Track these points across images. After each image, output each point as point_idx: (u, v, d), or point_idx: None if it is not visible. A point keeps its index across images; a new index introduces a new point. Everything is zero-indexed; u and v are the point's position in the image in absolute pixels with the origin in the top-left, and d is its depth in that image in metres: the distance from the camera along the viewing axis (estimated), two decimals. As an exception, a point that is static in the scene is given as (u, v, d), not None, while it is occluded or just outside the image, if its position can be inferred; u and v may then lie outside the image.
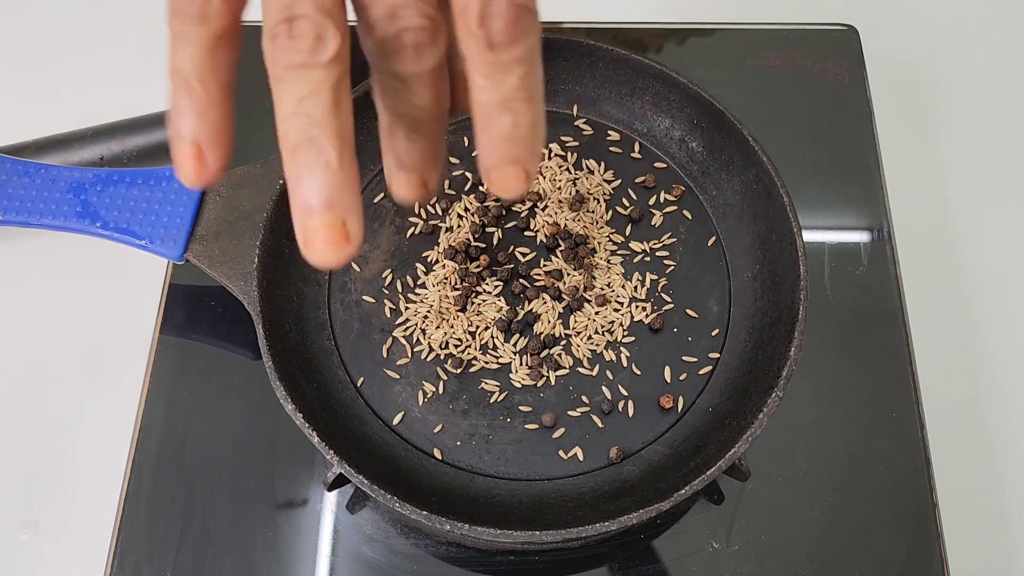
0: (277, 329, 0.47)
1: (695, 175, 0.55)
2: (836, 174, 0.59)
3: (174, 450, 0.50)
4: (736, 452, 0.42)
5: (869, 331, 0.53)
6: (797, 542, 0.48)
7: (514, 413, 0.48)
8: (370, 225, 0.54)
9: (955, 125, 0.69)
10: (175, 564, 0.47)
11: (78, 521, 0.54)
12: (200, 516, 0.48)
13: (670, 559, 0.47)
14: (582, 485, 0.46)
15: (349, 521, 0.48)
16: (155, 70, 0.70)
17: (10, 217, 0.50)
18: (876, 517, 0.48)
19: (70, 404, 0.58)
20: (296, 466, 0.50)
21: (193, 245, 0.50)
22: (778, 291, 0.49)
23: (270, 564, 0.47)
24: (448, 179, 0.55)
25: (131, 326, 0.58)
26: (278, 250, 0.50)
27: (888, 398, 0.51)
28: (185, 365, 0.52)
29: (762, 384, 0.45)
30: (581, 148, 0.56)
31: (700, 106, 0.53)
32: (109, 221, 0.50)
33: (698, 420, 0.48)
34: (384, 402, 0.49)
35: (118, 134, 0.64)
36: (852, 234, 0.57)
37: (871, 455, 0.50)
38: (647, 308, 0.51)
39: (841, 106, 0.61)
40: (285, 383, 0.44)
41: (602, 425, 0.48)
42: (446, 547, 0.48)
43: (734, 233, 0.53)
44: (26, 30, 0.75)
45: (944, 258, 0.63)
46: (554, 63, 0.56)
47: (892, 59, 0.69)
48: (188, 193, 0.50)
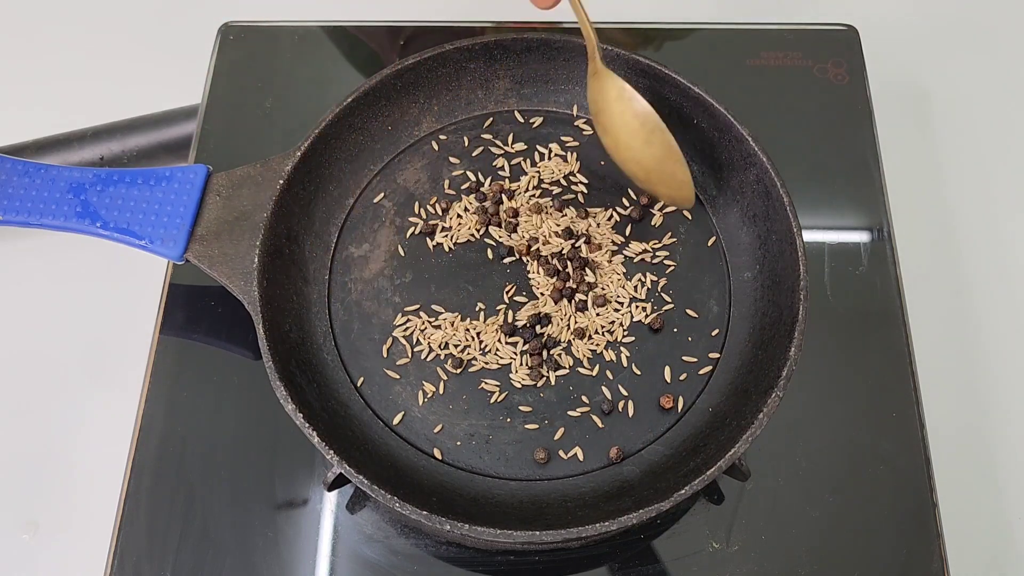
0: (277, 329, 0.47)
1: (695, 175, 0.55)
2: (836, 174, 0.59)
3: (174, 450, 0.50)
4: (736, 452, 0.42)
5: (869, 331, 0.53)
6: (797, 542, 0.48)
7: (514, 413, 0.48)
8: (370, 225, 0.54)
9: (955, 125, 0.69)
10: (175, 564, 0.47)
11: (78, 521, 0.54)
12: (200, 516, 0.48)
13: (670, 559, 0.47)
14: (582, 485, 0.47)
15: (349, 521, 0.48)
16: (155, 70, 0.71)
17: (10, 217, 0.50)
18: (876, 517, 0.48)
19: (70, 404, 0.58)
20: (296, 466, 0.50)
21: (193, 245, 0.50)
22: (778, 291, 0.49)
23: (270, 564, 0.47)
24: (448, 179, 0.55)
25: (131, 326, 0.58)
26: (278, 250, 0.50)
27: (888, 398, 0.51)
28: (185, 365, 0.52)
29: (762, 384, 0.45)
30: (581, 148, 0.56)
31: (700, 106, 0.53)
32: (109, 221, 0.50)
33: (698, 420, 0.48)
34: (384, 402, 0.49)
35: (118, 134, 0.64)
36: (852, 234, 0.57)
37: (871, 455, 0.50)
38: (647, 308, 0.51)
39: (841, 106, 0.61)
40: (285, 383, 0.44)
41: (602, 425, 0.48)
42: (446, 547, 0.48)
43: (734, 233, 0.53)
44: (26, 30, 0.75)
45: (944, 258, 0.63)
46: (554, 63, 0.56)
47: (892, 59, 0.69)
48: (188, 193, 0.50)
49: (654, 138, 0.49)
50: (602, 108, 0.50)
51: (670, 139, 0.49)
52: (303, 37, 0.64)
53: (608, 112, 0.50)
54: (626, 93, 0.49)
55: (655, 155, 0.49)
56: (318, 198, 0.53)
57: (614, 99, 0.49)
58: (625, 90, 0.49)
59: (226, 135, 0.60)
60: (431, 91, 0.56)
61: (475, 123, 0.57)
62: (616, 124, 0.50)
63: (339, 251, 0.53)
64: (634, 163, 0.50)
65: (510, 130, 0.57)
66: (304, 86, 0.62)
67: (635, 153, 0.50)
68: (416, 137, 0.57)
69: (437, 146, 0.56)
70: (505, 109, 0.58)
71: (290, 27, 0.64)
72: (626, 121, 0.49)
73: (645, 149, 0.49)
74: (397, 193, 0.55)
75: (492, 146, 0.56)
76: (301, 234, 0.52)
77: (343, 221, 0.54)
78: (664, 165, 0.49)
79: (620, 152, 0.50)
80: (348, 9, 0.67)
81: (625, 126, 0.49)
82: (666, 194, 0.51)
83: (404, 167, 0.56)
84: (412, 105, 0.56)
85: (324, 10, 0.66)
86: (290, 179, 0.50)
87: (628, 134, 0.49)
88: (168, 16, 0.74)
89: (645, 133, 0.49)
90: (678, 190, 0.50)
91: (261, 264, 0.48)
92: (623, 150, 0.50)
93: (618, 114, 0.49)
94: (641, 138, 0.49)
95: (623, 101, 0.49)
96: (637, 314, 0.51)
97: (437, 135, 0.57)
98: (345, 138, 0.54)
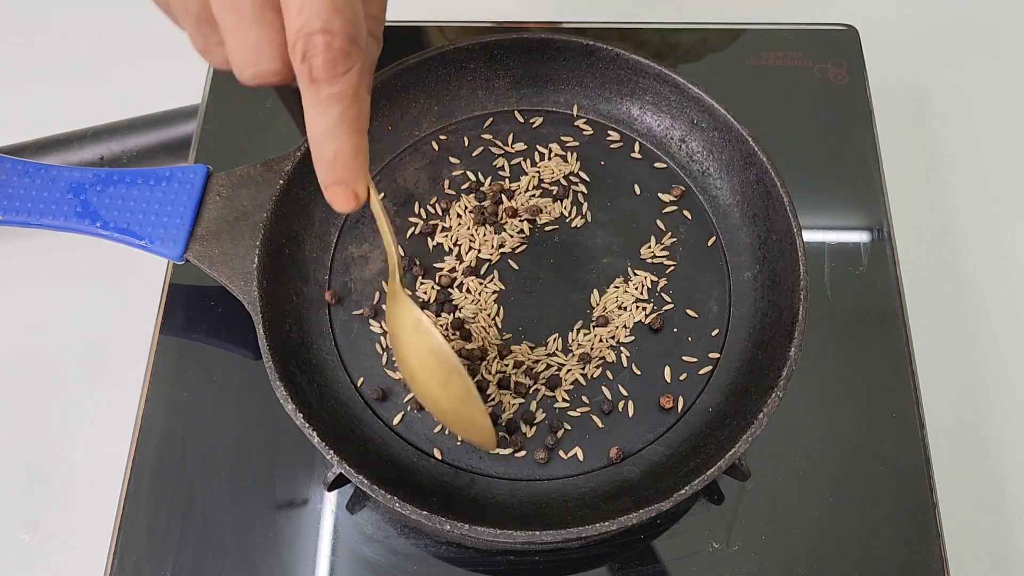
0: (277, 329, 0.47)
1: (695, 175, 0.55)
2: (836, 174, 0.59)
3: (174, 450, 0.50)
4: (736, 452, 0.42)
5: (869, 331, 0.53)
6: (797, 542, 0.48)
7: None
8: (370, 225, 0.54)
9: (955, 125, 0.69)
10: (175, 564, 0.47)
11: (78, 521, 0.54)
12: (200, 516, 0.48)
13: (670, 559, 0.47)
14: (582, 485, 0.46)
15: (349, 521, 0.48)
16: (155, 70, 0.71)
17: (10, 217, 0.50)
18: (876, 517, 0.48)
19: (70, 404, 0.58)
20: (296, 466, 0.50)
21: (193, 245, 0.50)
22: (778, 291, 0.49)
23: (270, 564, 0.47)
24: (448, 179, 0.55)
25: (131, 326, 0.58)
26: (278, 250, 0.50)
27: (888, 398, 0.51)
28: (185, 365, 0.52)
29: (762, 384, 0.45)
30: (581, 148, 0.56)
31: (700, 106, 0.53)
32: (109, 221, 0.50)
33: (698, 420, 0.48)
34: (384, 402, 0.49)
35: (118, 134, 0.64)
36: (852, 234, 0.57)
37: (871, 455, 0.50)
38: (647, 308, 0.51)
39: (841, 106, 0.61)
40: (285, 383, 0.44)
41: (602, 425, 0.48)
42: (446, 547, 0.48)
43: (734, 233, 0.53)
44: (26, 30, 0.75)
45: (944, 258, 0.63)
46: (554, 63, 0.56)
47: (892, 59, 0.69)
48: (188, 193, 0.50)
49: (451, 381, 0.42)
50: (397, 336, 0.44)
51: (468, 383, 0.42)
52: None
53: (403, 343, 0.44)
54: (422, 326, 0.42)
55: (452, 396, 0.43)
56: (318, 198, 0.53)
57: (410, 330, 0.43)
58: (421, 322, 0.42)
59: (226, 135, 0.60)
60: (431, 91, 0.56)
61: (475, 123, 0.57)
62: (411, 358, 0.43)
63: (339, 251, 0.53)
64: (431, 402, 0.44)
65: (510, 130, 0.57)
66: (304, 86, 0.62)
67: (431, 392, 0.44)
68: (416, 137, 0.57)
69: (437, 146, 0.56)
70: (505, 109, 0.58)
71: (290, 27, 0.64)
72: (422, 357, 0.43)
73: (442, 391, 0.43)
74: (397, 193, 0.55)
75: (492, 146, 0.56)
76: (301, 234, 0.52)
77: (343, 221, 0.54)
78: (463, 408, 0.43)
79: (416, 387, 0.45)
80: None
81: (420, 362, 0.43)
82: (466, 437, 0.46)
83: (404, 167, 0.56)
84: (412, 105, 0.56)
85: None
86: (290, 179, 0.50)
87: (424, 371, 0.43)
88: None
89: (442, 374, 0.42)
90: (478, 435, 0.44)
91: (261, 264, 0.48)
92: (419, 385, 0.44)
93: (414, 347, 0.43)
94: (438, 379, 0.43)
95: (419, 334, 0.43)
96: (637, 314, 0.51)
97: (437, 135, 0.57)
98: (345, 138, 0.54)
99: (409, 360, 0.44)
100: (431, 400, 0.44)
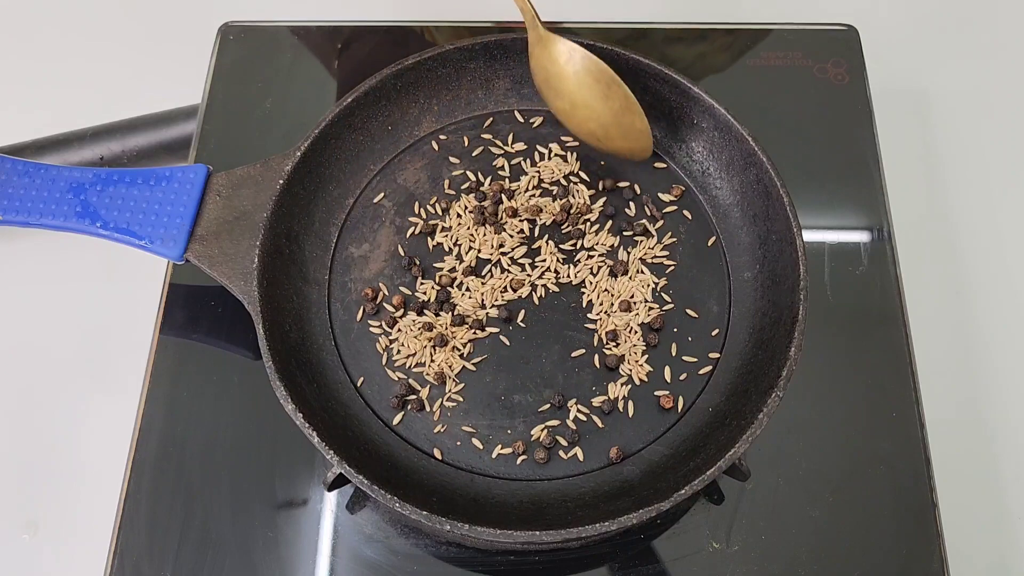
0: (277, 329, 0.47)
1: (695, 175, 0.55)
2: (836, 174, 0.59)
3: (174, 450, 0.50)
4: (736, 452, 0.42)
5: (869, 331, 0.53)
6: (797, 542, 0.48)
7: (514, 413, 0.48)
8: (370, 225, 0.54)
9: (955, 125, 0.69)
10: (175, 564, 0.47)
11: (78, 521, 0.54)
12: (200, 516, 0.48)
13: (670, 559, 0.47)
14: (582, 485, 0.46)
15: (349, 521, 0.48)
16: (156, 70, 0.71)
17: (10, 217, 0.50)
18: (876, 517, 0.48)
19: (70, 404, 0.58)
20: (296, 466, 0.50)
21: (193, 245, 0.50)
22: (778, 291, 0.49)
23: (270, 564, 0.47)
24: (448, 179, 0.55)
25: (131, 326, 0.58)
26: (278, 250, 0.50)
27: (888, 398, 0.51)
28: (185, 365, 0.52)
29: (762, 384, 0.45)
30: (581, 148, 0.56)
31: (700, 106, 0.53)
32: (109, 221, 0.50)
33: (698, 420, 0.48)
34: (384, 402, 0.49)
35: (118, 134, 0.64)
36: (852, 234, 0.57)
37: (871, 455, 0.50)
38: (647, 308, 0.51)
39: (841, 106, 0.61)
40: (285, 383, 0.44)
41: (602, 425, 0.48)
42: (446, 547, 0.48)
43: (734, 233, 0.53)
44: (27, 30, 0.75)
45: (944, 258, 0.63)
46: (554, 63, 0.56)
47: (892, 59, 0.69)
48: (188, 193, 0.50)
49: (611, 92, 0.49)
50: (553, 73, 0.50)
51: (626, 90, 0.49)
52: (303, 37, 0.64)
53: (561, 75, 0.50)
54: (577, 53, 0.49)
55: (613, 108, 0.50)
56: (318, 198, 0.53)
57: (565, 61, 0.49)
58: (576, 50, 0.49)
59: (226, 135, 0.60)
60: (431, 91, 0.56)
61: (475, 123, 0.57)
62: (571, 85, 0.50)
63: (339, 251, 0.53)
64: (592, 121, 0.50)
65: (510, 130, 0.57)
66: (304, 86, 0.62)
67: (593, 111, 0.50)
68: (416, 137, 0.57)
69: (437, 146, 0.56)
70: (505, 109, 0.58)
71: (290, 27, 0.64)
72: (581, 80, 0.49)
73: (603, 104, 0.49)
74: (397, 193, 0.55)
75: (492, 146, 0.56)
76: (301, 234, 0.52)
77: (343, 221, 0.54)
78: (623, 117, 0.50)
79: (577, 112, 0.50)
80: (348, 9, 0.67)
81: (581, 85, 0.49)
82: (625, 147, 0.51)
83: (404, 167, 0.56)
84: (412, 105, 0.56)
85: (324, 10, 0.66)
86: (290, 179, 0.50)
87: (585, 92, 0.49)
88: (168, 16, 0.74)
89: (602, 88, 0.49)
90: (636, 140, 0.50)
91: (261, 264, 0.48)
92: (580, 110, 0.50)
93: (571, 75, 0.49)
94: (598, 94, 0.49)
95: (573, 61, 0.49)
96: (639, 314, 0.51)
97: (437, 135, 0.57)
98: (345, 138, 0.54)
99: (567, 89, 0.50)
100: (593, 120, 0.50)
